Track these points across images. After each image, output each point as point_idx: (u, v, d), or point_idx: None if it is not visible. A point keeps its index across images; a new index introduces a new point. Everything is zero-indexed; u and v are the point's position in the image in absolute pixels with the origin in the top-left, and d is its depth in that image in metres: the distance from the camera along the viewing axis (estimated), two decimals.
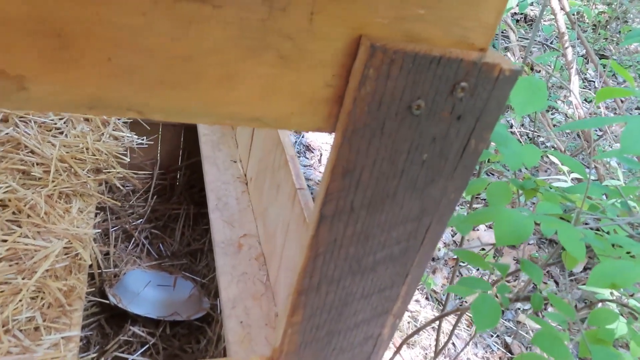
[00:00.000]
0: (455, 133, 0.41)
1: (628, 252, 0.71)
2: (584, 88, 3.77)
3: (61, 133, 1.19)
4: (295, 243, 0.97)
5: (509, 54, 3.20)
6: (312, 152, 2.76)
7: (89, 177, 1.12)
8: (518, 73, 0.41)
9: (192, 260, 1.79)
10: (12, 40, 0.31)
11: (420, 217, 0.45)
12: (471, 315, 2.04)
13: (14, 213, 0.96)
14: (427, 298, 2.08)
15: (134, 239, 1.74)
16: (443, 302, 2.01)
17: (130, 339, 1.45)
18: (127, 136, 1.30)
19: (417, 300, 2.07)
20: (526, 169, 2.56)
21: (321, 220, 0.42)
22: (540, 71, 3.90)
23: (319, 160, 2.70)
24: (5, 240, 0.91)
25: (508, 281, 2.33)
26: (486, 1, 0.38)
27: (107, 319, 1.48)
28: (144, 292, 1.52)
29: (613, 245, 0.68)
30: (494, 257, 2.37)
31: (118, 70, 0.34)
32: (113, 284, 1.50)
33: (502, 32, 4.10)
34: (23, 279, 0.86)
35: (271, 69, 0.37)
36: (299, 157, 2.70)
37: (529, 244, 2.53)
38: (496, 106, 0.42)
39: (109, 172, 1.18)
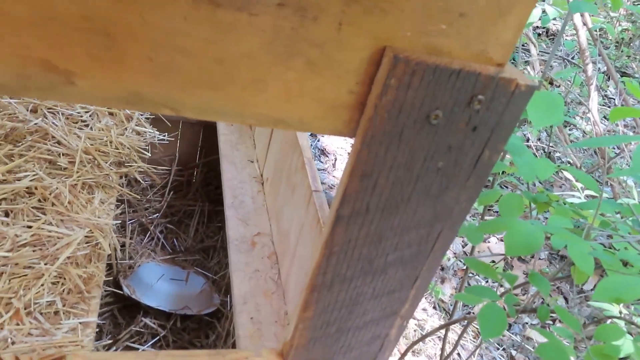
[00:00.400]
0: (470, 143, 0.43)
1: None
2: (603, 105, 3.74)
3: (87, 125, 1.23)
4: (308, 243, 0.99)
5: (528, 68, 3.19)
6: (327, 157, 2.79)
7: (111, 169, 1.16)
8: (534, 88, 0.43)
9: (204, 256, 1.82)
10: (63, 37, 0.34)
11: (432, 223, 0.47)
12: (478, 326, 2.04)
13: (39, 201, 1.00)
14: (434, 307, 2.09)
15: (149, 232, 1.77)
16: (450, 312, 2.01)
17: (142, 330, 1.48)
18: (149, 132, 1.34)
19: (424, 309, 2.07)
20: (540, 183, 2.55)
21: (337, 220, 0.45)
22: (560, 86, 3.88)
23: (334, 165, 2.72)
24: (30, 227, 0.94)
25: (517, 295, 2.32)
26: (505, 20, 0.40)
27: (120, 309, 1.52)
28: (157, 285, 1.56)
29: (626, 265, 0.69)
30: (503, 270, 2.37)
31: (157, 69, 0.36)
32: (127, 275, 1.54)
33: (523, 46, 4.09)
34: (45, 264, 0.90)
35: (299, 75, 0.39)
36: (314, 160, 2.72)
37: (539, 259, 2.52)
38: (511, 119, 0.43)
39: (130, 166, 1.22)
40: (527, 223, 0.76)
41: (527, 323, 2.13)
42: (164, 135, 1.40)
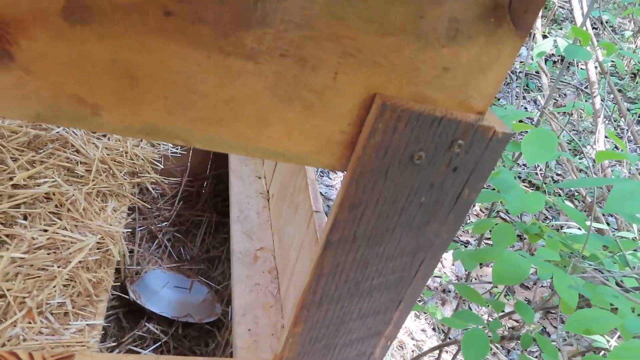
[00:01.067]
0: (450, 183, 0.47)
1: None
2: (615, 135, 3.74)
3: (104, 136, 1.29)
4: (307, 262, 1.03)
5: (539, 97, 3.22)
6: (336, 174, 2.83)
7: (125, 179, 1.22)
8: (510, 135, 0.47)
9: (209, 266, 1.87)
10: (93, 77, 0.39)
11: (414, 253, 0.51)
12: None
13: (56, 206, 1.06)
14: (434, 329, 2.11)
15: (157, 240, 1.83)
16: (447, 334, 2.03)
17: (145, 334, 1.52)
18: (163, 144, 1.40)
19: (423, 330, 2.09)
20: (534, 214, 2.57)
21: (327, 245, 0.49)
22: (572, 114, 3.90)
23: (342, 182, 2.76)
24: (46, 230, 1.00)
25: (517, 321, 2.33)
26: (486, 75, 0.45)
27: (125, 313, 1.57)
28: (162, 291, 1.60)
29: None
30: (505, 295, 2.38)
31: (172, 107, 0.41)
32: (134, 280, 1.59)
33: (536, 73, 4.12)
34: (58, 267, 0.95)
35: (297, 115, 0.44)
36: (322, 177, 2.77)
37: (541, 286, 2.53)
38: (489, 162, 0.48)
39: (143, 177, 1.28)
40: (516, 254, 0.80)
41: (524, 350, 2.14)
42: (177, 148, 1.46)
